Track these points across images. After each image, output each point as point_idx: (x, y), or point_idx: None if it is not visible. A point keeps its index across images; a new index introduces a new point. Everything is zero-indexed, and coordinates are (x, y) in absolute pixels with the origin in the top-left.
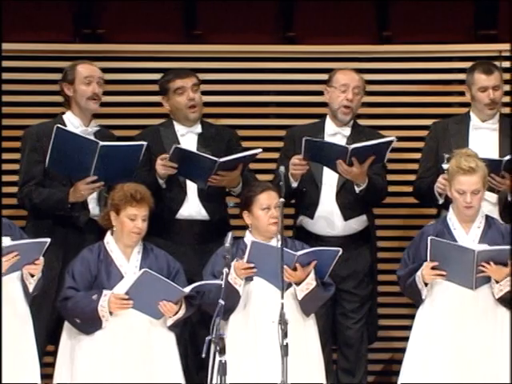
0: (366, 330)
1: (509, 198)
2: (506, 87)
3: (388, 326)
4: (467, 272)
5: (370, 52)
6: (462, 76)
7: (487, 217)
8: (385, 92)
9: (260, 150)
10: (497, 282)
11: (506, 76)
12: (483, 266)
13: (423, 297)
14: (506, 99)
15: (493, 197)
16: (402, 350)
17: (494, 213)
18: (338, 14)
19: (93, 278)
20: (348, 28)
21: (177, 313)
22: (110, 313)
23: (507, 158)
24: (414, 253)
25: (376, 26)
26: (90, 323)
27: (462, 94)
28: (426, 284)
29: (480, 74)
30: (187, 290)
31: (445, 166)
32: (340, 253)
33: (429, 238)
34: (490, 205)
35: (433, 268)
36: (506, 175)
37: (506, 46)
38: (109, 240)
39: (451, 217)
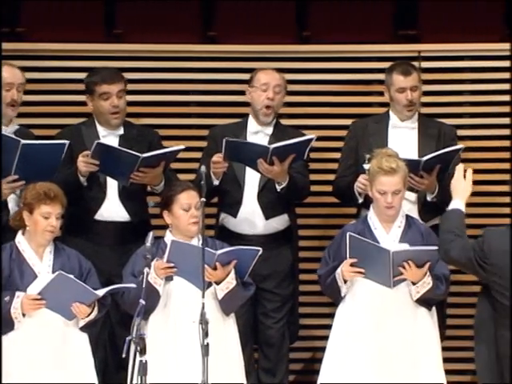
0: (288, 329)
1: (428, 198)
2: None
3: (309, 325)
4: (384, 271)
5: (290, 52)
6: (381, 76)
7: (407, 216)
8: (306, 92)
9: (182, 146)
10: (414, 284)
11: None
12: (403, 267)
13: (342, 294)
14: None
15: (412, 196)
16: (324, 349)
17: (414, 212)
18: (258, 13)
19: (5, 277)
20: (268, 28)
21: (89, 314)
22: (24, 314)
23: (426, 158)
24: (334, 252)
25: (296, 25)
26: (5, 324)
27: (381, 93)
28: (345, 281)
29: (398, 74)
30: (101, 293)
31: (366, 166)
32: (260, 252)
33: (347, 234)
34: (409, 204)
35: (352, 265)
36: (425, 175)
37: (426, 47)
38: (20, 240)
39: (372, 216)
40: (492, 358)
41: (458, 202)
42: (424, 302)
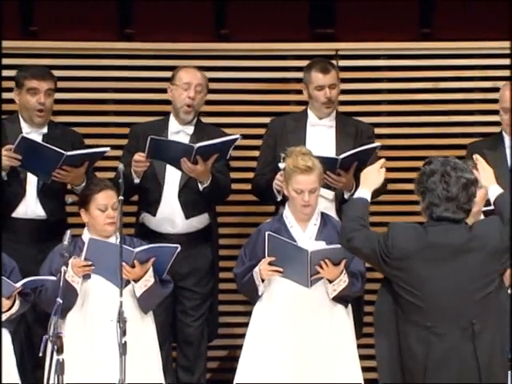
0: (206, 327)
1: (345, 196)
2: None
3: (228, 323)
4: (302, 270)
5: (209, 50)
6: (299, 74)
7: (323, 214)
8: (225, 90)
9: (108, 148)
10: (330, 282)
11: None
12: (320, 266)
13: (260, 293)
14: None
15: (329, 194)
16: (242, 347)
17: (331, 210)
18: (178, 11)
19: None
20: (187, 26)
21: (10, 308)
22: None
23: (343, 155)
24: (250, 251)
25: (214, 23)
26: None
27: (299, 92)
28: (263, 280)
29: (317, 72)
30: (19, 284)
31: (281, 165)
32: (178, 250)
33: (266, 233)
34: (326, 202)
35: (270, 264)
36: (342, 173)
37: (343, 45)
38: None
39: (288, 214)
40: (393, 351)
41: (364, 192)
42: (340, 298)
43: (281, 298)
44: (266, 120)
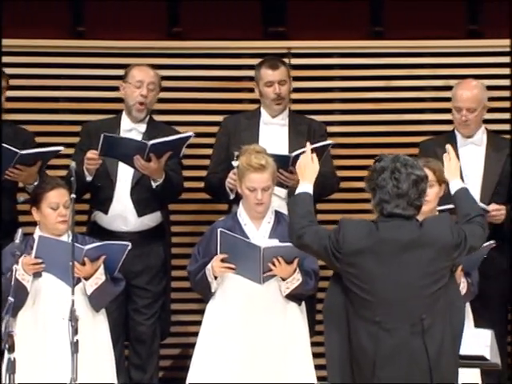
0: (159, 325)
1: None
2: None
3: (181, 321)
4: (254, 267)
5: (162, 48)
6: (251, 73)
7: (277, 212)
8: (177, 88)
9: (61, 147)
10: (283, 280)
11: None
12: (272, 264)
13: (213, 290)
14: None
15: (282, 192)
16: (195, 346)
17: (283, 207)
18: (130, 9)
19: None
20: (139, 24)
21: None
22: None
23: (295, 153)
24: (204, 249)
25: (167, 21)
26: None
27: (252, 90)
28: (215, 277)
29: (266, 69)
30: None
31: (234, 163)
32: (129, 247)
33: (218, 230)
34: (279, 199)
35: (223, 261)
36: (295, 171)
37: (295, 44)
38: None
39: (241, 213)
40: (343, 346)
41: (306, 185)
42: (293, 297)
43: (234, 296)
44: (219, 118)
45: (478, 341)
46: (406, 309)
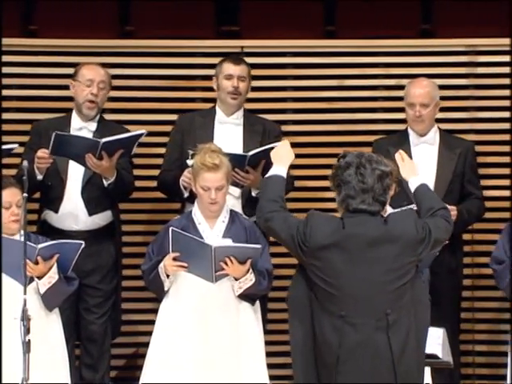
0: (110, 324)
1: (252, 193)
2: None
3: (132, 320)
4: (207, 266)
5: (113, 46)
6: (204, 71)
7: (231, 211)
8: (130, 87)
9: (16, 145)
10: (236, 279)
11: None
12: (225, 263)
13: (166, 288)
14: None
15: (236, 191)
16: (146, 345)
17: (237, 207)
18: (81, 7)
19: None
20: (90, 22)
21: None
22: None
23: (251, 152)
24: (158, 247)
25: (119, 20)
26: None
27: (205, 89)
28: (168, 276)
29: (229, 62)
30: None
31: (189, 162)
32: (82, 246)
33: (170, 228)
34: (233, 199)
35: (175, 259)
36: (251, 170)
37: (249, 42)
38: None
39: (196, 212)
40: (307, 339)
41: (280, 168)
42: (247, 297)
43: (187, 296)
44: (171, 117)
45: (429, 339)
46: (371, 304)
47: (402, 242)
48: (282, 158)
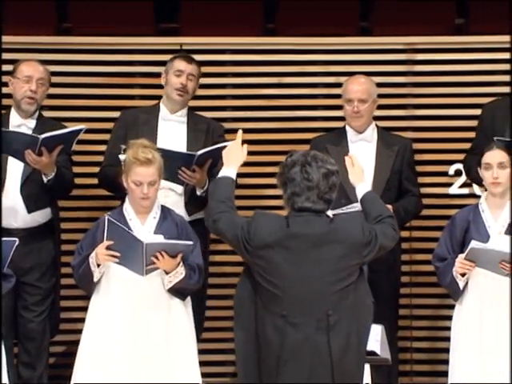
0: (49, 322)
1: (198, 192)
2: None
3: (70, 318)
4: (138, 260)
5: (52, 43)
6: (143, 68)
7: (163, 207)
8: (69, 84)
9: None
10: (167, 273)
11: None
12: (156, 258)
13: (95, 279)
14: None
15: (179, 188)
16: None
17: (180, 204)
18: (19, 4)
19: None
20: (29, 19)
21: None
22: None
23: (200, 152)
24: (87, 243)
25: (57, 17)
26: None
27: (144, 86)
28: (98, 265)
29: (180, 59)
30: None
31: (122, 156)
32: (17, 243)
33: (106, 216)
34: (175, 195)
35: (108, 249)
36: (197, 169)
37: (188, 40)
38: None
39: (127, 207)
40: (250, 339)
41: (230, 170)
42: (178, 292)
43: (117, 292)
44: (110, 114)
45: None
46: (312, 304)
47: (348, 243)
48: (233, 158)
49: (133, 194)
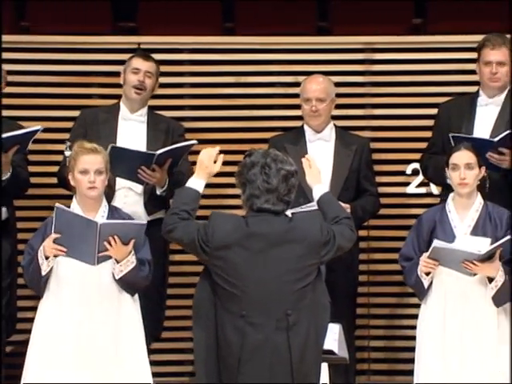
0: (5, 322)
1: (157, 192)
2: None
3: (27, 318)
4: (90, 246)
5: (10, 42)
6: (101, 67)
7: (111, 206)
8: (25, 83)
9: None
10: (118, 262)
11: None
12: (108, 243)
13: (43, 273)
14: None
15: (139, 188)
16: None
17: (139, 204)
18: None
19: None
20: None
21: None
22: None
23: (160, 151)
24: (37, 242)
25: (15, 15)
26: None
27: (101, 85)
28: (47, 258)
29: (137, 58)
30: None
31: (67, 152)
32: None
33: (55, 205)
34: (135, 195)
35: (56, 242)
36: (157, 169)
37: (145, 39)
38: None
39: (75, 207)
40: (210, 341)
41: (197, 181)
42: (127, 285)
43: (67, 289)
44: (68, 113)
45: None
46: (272, 304)
47: (307, 243)
48: (201, 169)
49: (80, 185)
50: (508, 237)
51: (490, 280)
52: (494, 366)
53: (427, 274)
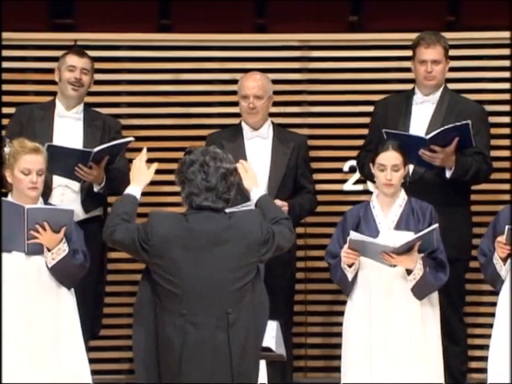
0: None
1: (95, 189)
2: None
3: None
4: (18, 233)
5: None
6: (37, 64)
7: (46, 203)
8: None
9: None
10: (49, 251)
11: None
12: (36, 231)
13: None
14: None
15: (76, 185)
16: None
17: (76, 201)
18: None
19: None
20: None
21: None
22: None
23: (96, 149)
24: None
25: None
26: None
27: (37, 82)
28: None
29: (72, 55)
30: None
31: (6, 149)
32: None
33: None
34: (72, 193)
35: None
36: (94, 166)
37: (82, 36)
38: None
39: (11, 198)
40: (149, 341)
41: (134, 188)
42: (62, 274)
43: (7, 287)
44: (4, 110)
45: None
46: (212, 302)
47: (246, 241)
48: (138, 178)
49: (20, 184)
50: (426, 230)
51: (409, 272)
52: (422, 364)
53: (350, 266)
